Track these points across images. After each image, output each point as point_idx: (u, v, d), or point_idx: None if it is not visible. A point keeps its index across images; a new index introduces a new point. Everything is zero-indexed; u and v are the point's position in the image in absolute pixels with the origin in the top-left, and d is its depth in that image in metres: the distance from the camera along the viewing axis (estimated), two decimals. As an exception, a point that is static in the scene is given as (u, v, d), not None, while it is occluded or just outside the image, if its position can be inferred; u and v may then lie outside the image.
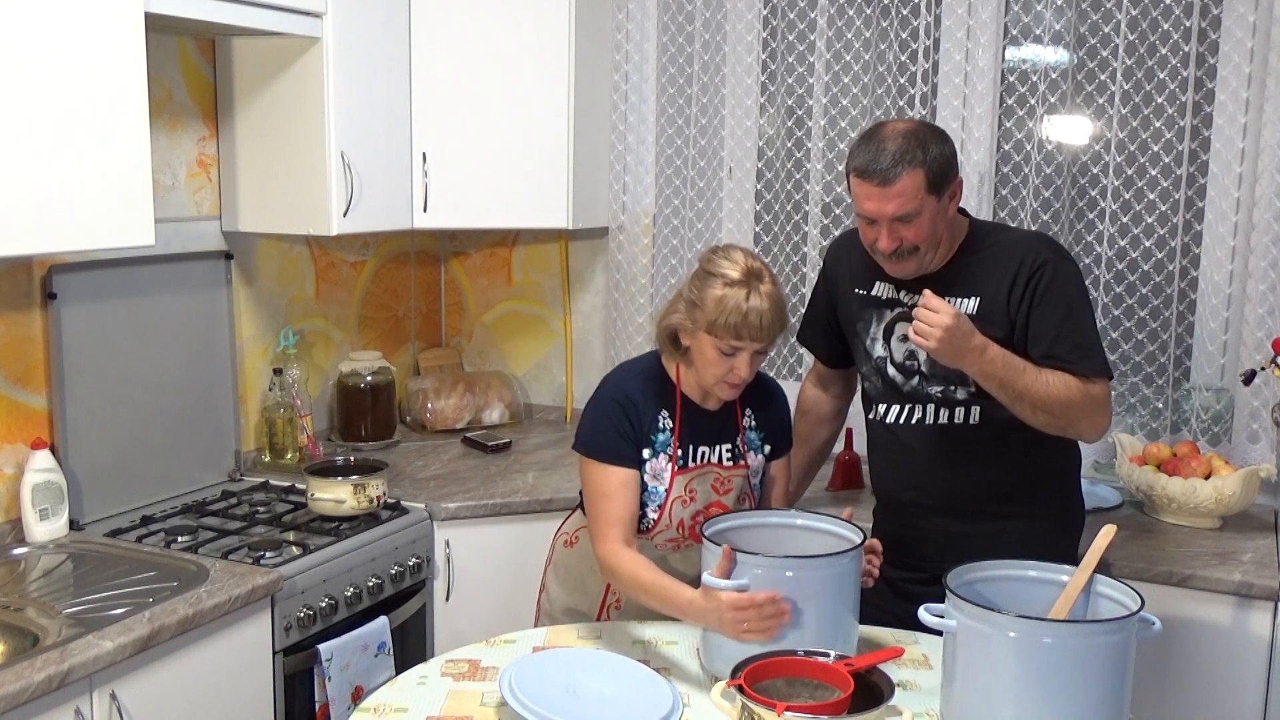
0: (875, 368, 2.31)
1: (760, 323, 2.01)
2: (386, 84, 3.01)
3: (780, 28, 3.25)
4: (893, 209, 2.08)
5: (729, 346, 2.03)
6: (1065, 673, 1.58)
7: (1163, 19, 2.84)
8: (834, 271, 2.43)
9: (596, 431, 2.13)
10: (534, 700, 1.70)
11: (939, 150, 2.11)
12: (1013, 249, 2.20)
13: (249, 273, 3.09)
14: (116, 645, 1.99)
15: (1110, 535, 1.77)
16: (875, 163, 2.07)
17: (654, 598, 1.99)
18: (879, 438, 2.35)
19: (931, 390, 2.24)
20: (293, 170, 2.85)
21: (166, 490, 2.80)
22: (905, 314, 2.24)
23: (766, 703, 1.60)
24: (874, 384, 2.33)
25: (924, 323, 2.02)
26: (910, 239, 2.12)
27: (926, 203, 2.09)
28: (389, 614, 2.62)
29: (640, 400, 2.14)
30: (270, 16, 2.60)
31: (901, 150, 2.06)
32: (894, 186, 2.06)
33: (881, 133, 2.12)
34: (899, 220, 2.09)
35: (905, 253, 2.14)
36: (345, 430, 3.37)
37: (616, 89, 3.38)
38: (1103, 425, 2.19)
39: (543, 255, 3.70)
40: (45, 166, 2.11)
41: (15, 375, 2.51)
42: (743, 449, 2.22)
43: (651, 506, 2.15)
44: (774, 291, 2.04)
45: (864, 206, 2.12)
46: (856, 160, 2.11)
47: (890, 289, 2.28)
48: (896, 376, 2.27)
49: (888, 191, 2.07)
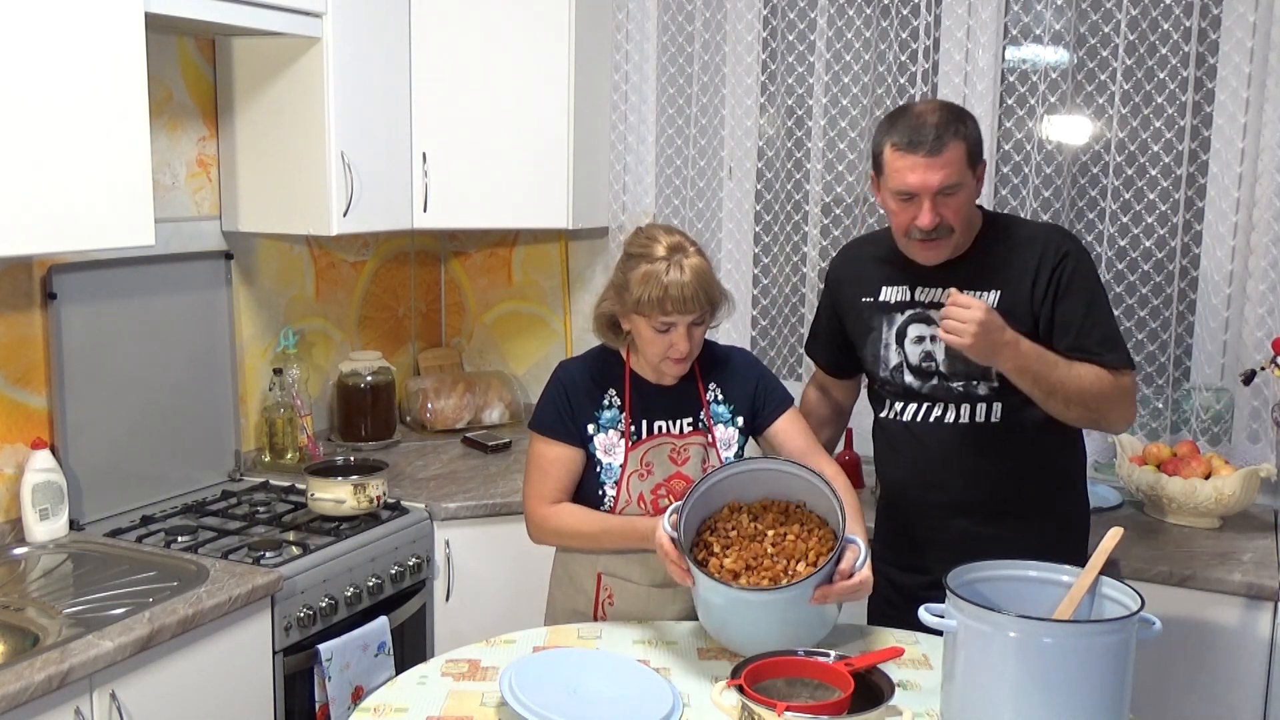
0: (891, 374, 2.25)
1: (682, 295, 2.02)
2: (386, 84, 3.01)
3: (780, 28, 3.25)
4: (939, 180, 2.03)
5: (660, 323, 2.06)
6: (1065, 673, 1.58)
7: (1163, 19, 2.84)
8: (838, 284, 2.38)
9: (542, 408, 2.23)
10: (534, 700, 1.70)
11: (974, 125, 2.10)
12: (1032, 241, 2.17)
13: (249, 273, 3.09)
14: (116, 645, 1.99)
15: (1117, 537, 1.77)
16: (920, 133, 2.03)
17: (606, 539, 2.14)
18: (894, 437, 2.30)
19: (953, 386, 2.19)
20: (293, 170, 2.85)
21: (166, 490, 2.80)
22: (919, 315, 2.21)
23: (766, 703, 1.60)
24: (890, 388, 2.27)
25: (956, 319, 1.97)
26: (949, 217, 2.07)
27: (966, 177, 2.07)
28: (389, 614, 2.62)
29: (583, 380, 2.21)
30: (270, 16, 2.61)
31: (944, 121, 2.04)
32: (941, 156, 2.02)
33: (915, 109, 2.09)
34: (943, 193, 2.05)
35: (942, 232, 2.09)
36: (345, 430, 3.37)
37: (616, 89, 3.38)
38: (1131, 416, 2.19)
39: (543, 255, 3.70)
40: (46, 167, 2.11)
41: (15, 375, 2.51)
42: (708, 422, 2.22)
43: (609, 483, 2.17)
44: (697, 263, 2.05)
45: (907, 180, 2.05)
46: (896, 134, 2.06)
47: (901, 291, 2.24)
48: (913, 381, 2.23)
49: (935, 161, 2.02)
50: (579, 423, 2.18)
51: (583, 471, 2.20)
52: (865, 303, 2.29)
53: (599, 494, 2.18)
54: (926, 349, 2.20)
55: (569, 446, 2.18)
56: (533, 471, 2.22)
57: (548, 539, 2.24)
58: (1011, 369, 2.05)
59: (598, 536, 2.15)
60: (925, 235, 2.09)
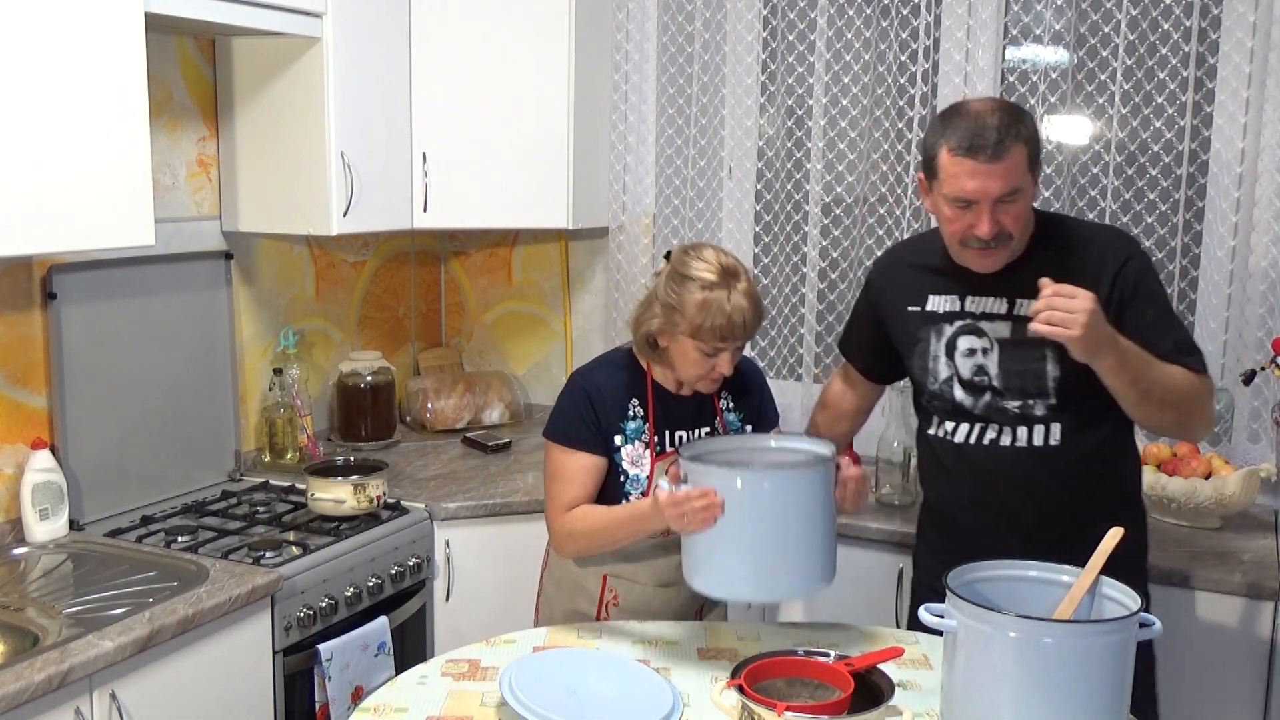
0: (941, 386, 2.13)
1: (744, 321, 2.02)
2: (386, 84, 3.01)
3: (780, 28, 3.25)
4: (999, 187, 1.91)
5: (712, 348, 2.04)
6: (1065, 673, 1.58)
7: (1163, 19, 2.84)
8: (881, 290, 2.27)
9: (562, 417, 2.18)
10: (534, 700, 1.70)
11: (1032, 124, 1.98)
12: (1091, 245, 2.06)
13: (249, 273, 3.09)
14: (116, 645, 1.99)
15: (1117, 537, 1.76)
16: (981, 137, 1.90)
17: (618, 529, 2.07)
18: (944, 456, 2.17)
19: (1008, 406, 2.07)
20: (293, 170, 2.85)
21: (166, 490, 2.80)
22: (970, 327, 2.10)
23: (766, 703, 1.60)
24: (940, 403, 2.15)
25: (1062, 310, 1.83)
26: (1008, 224, 1.96)
27: (1026, 182, 1.95)
28: (389, 614, 2.62)
29: (608, 389, 2.17)
30: (270, 16, 2.61)
31: (1005, 123, 1.91)
32: (1003, 162, 1.90)
33: (972, 108, 1.96)
34: (1003, 200, 1.93)
35: (1000, 240, 1.97)
36: (345, 430, 3.37)
37: (616, 89, 3.38)
38: (1212, 421, 2.12)
39: (543, 255, 3.70)
40: (46, 166, 2.11)
41: (15, 375, 2.51)
42: (722, 431, 2.23)
43: (635, 493, 2.16)
44: (750, 288, 2.04)
45: (965, 187, 1.92)
46: (955, 137, 1.92)
47: (949, 301, 2.12)
48: (965, 397, 2.11)
49: (995, 168, 1.90)
50: (605, 432, 2.15)
51: (606, 481, 2.17)
52: (911, 312, 2.17)
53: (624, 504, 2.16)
54: (979, 362, 2.09)
55: (593, 455, 2.15)
56: (554, 484, 2.17)
57: (570, 546, 2.18)
58: (1112, 365, 1.91)
59: (609, 530, 2.10)
60: (983, 244, 1.98)
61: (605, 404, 2.16)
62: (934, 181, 2.00)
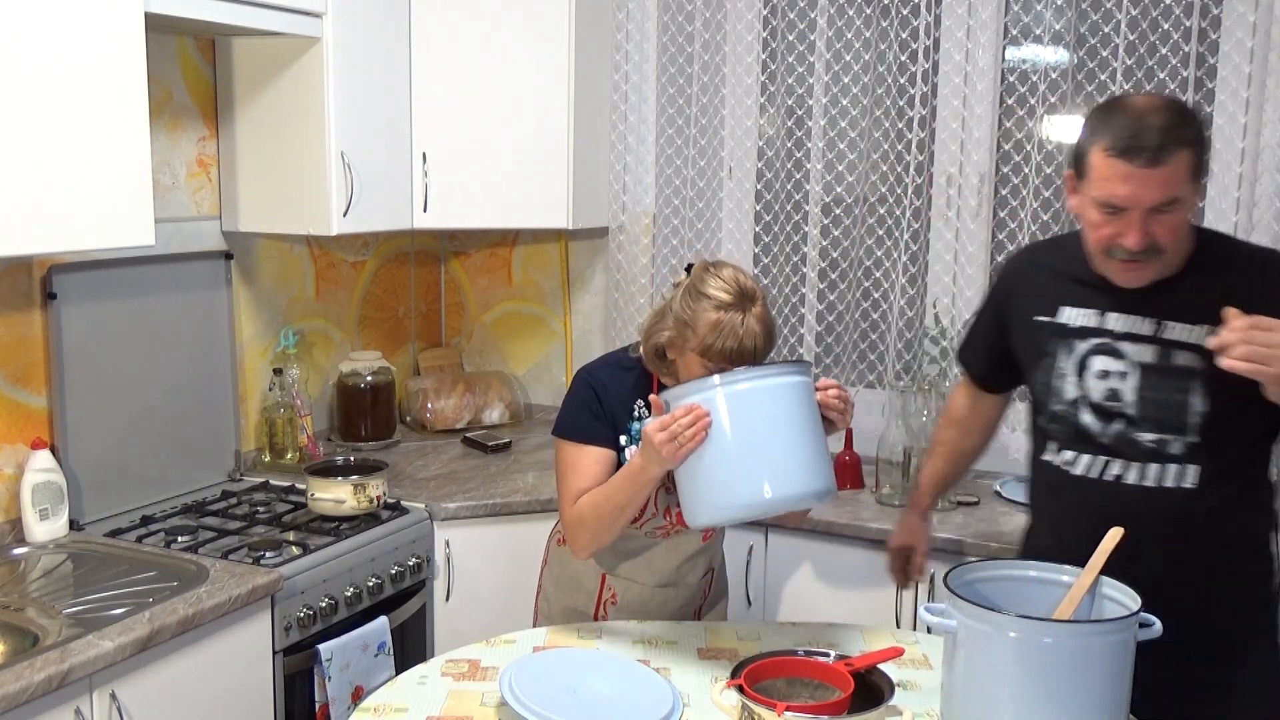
0: (1066, 407, 1.94)
1: (755, 346, 1.99)
2: (386, 84, 3.01)
3: (780, 28, 3.25)
4: (1155, 195, 1.72)
5: (719, 369, 2.02)
6: (1065, 673, 1.58)
7: (1163, 19, 2.84)
8: (1008, 295, 2.09)
9: (570, 413, 2.17)
10: (534, 700, 1.70)
11: (1199, 129, 1.77)
12: (1255, 268, 1.86)
13: (249, 273, 3.09)
14: (116, 645, 1.99)
15: (1117, 537, 1.76)
16: (1140, 139, 1.70)
17: (619, 493, 2.02)
18: (1060, 487, 1.98)
19: (1141, 438, 1.87)
20: (293, 170, 2.85)
21: (166, 490, 2.80)
22: (1107, 347, 1.89)
23: (766, 702, 1.60)
24: (1060, 427, 1.96)
25: (1262, 345, 1.62)
26: (1160, 237, 1.76)
27: (1186, 191, 1.76)
28: (389, 614, 2.62)
29: (615, 388, 2.16)
30: (270, 16, 2.61)
31: (1169, 124, 1.72)
32: (1163, 168, 1.71)
33: (1134, 105, 1.76)
34: (1158, 210, 1.73)
35: (1151, 253, 1.78)
36: (345, 430, 3.37)
37: (616, 89, 3.38)
38: None
39: (543, 255, 3.70)
40: (46, 166, 2.11)
41: (15, 375, 2.51)
42: None
43: None
44: (764, 314, 2.01)
45: (1117, 192, 1.74)
46: (1111, 136, 1.74)
47: (1086, 315, 1.93)
48: (1092, 423, 1.91)
49: (1153, 174, 1.71)
50: (613, 428, 2.14)
51: None
52: (1039, 322, 1.99)
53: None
54: (1113, 386, 1.88)
55: (603, 449, 2.13)
56: (565, 479, 2.14)
57: (582, 535, 2.11)
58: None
59: (610, 498, 2.05)
60: (1130, 256, 1.79)
61: (611, 401, 2.15)
62: (1082, 181, 1.81)
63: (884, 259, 3.20)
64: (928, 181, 3.11)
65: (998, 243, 3.09)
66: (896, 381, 3.10)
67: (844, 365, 3.29)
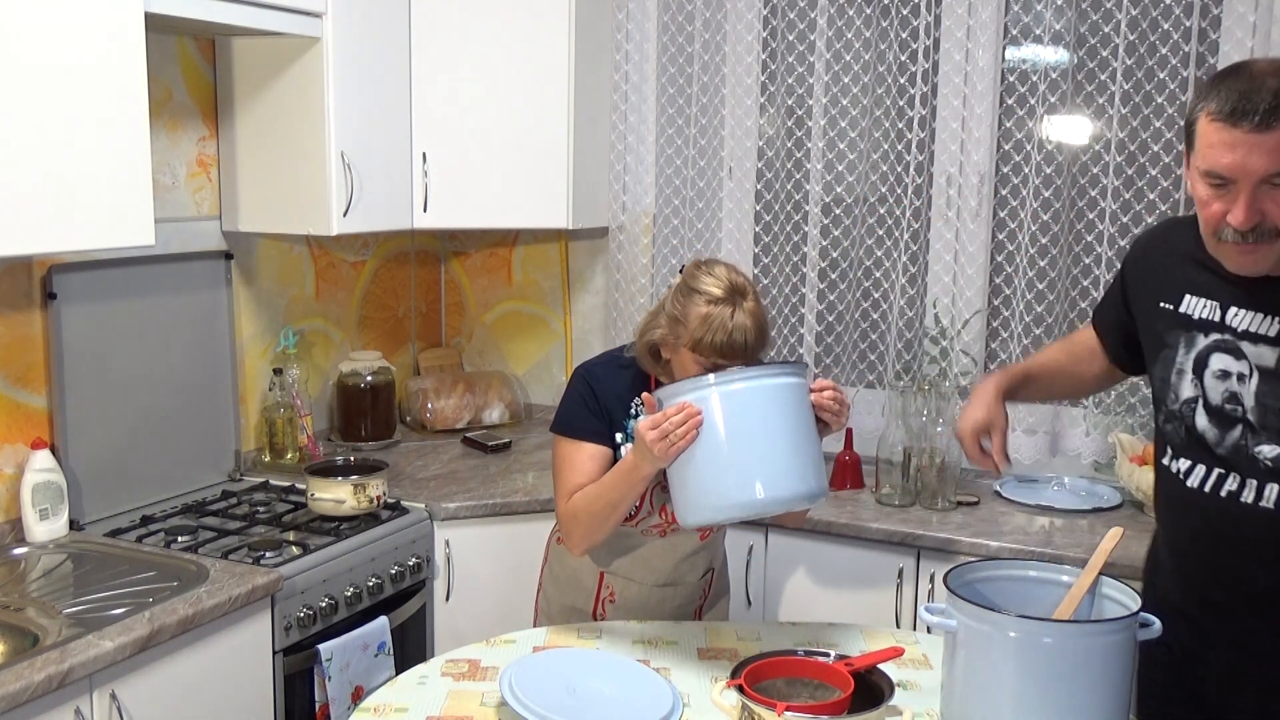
0: (1181, 407, 1.77)
1: (745, 341, 1.99)
2: (386, 84, 3.01)
3: (780, 28, 3.25)
4: (1265, 165, 1.54)
5: (711, 364, 2.02)
6: (1065, 673, 1.58)
7: (1163, 19, 2.84)
8: (1134, 275, 1.93)
9: (567, 409, 2.18)
10: (534, 700, 1.70)
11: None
12: None
13: (249, 273, 3.09)
14: (116, 645, 1.99)
15: (1117, 538, 1.76)
16: (1250, 101, 1.54)
17: (611, 490, 2.03)
18: (1175, 499, 1.83)
19: (1261, 453, 1.68)
20: (293, 170, 2.85)
21: (166, 490, 2.80)
22: (1227, 344, 1.71)
23: (766, 702, 1.60)
24: (1176, 430, 1.79)
25: None
26: (1275, 214, 1.58)
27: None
28: (389, 614, 2.62)
29: (611, 385, 2.16)
30: (270, 16, 2.61)
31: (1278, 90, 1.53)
32: (1274, 132, 1.53)
33: (1252, 67, 1.59)
34: (1270, 183, 1.56)
35: (1264, 234, 1.59)
36: (345, 430, 3.37)
37: (616, 89, 3.38)
38: None
39: (543, 255, 3.70)
40: (45, 166, 2.11)
41: (15, 375, 2.51)
42: None
43: None
44: (756, 309, 2.01)
45: (1220, 161, 1.57)
46: (1218, 100, 1.57)
47: (1208, 307, 1.75)
48: (1208, 428, 1.73)
49: (1263, 140, 1.53)
50: (609, 424, 2.15)
51: None
52: (1163, 309, 1.82)
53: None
54: (1232, 388, 1.70)
55: (599, 445, 2.14)
56: (560, 475, 2.16)
57: (576, 531, 2.12)
58: None
59: (603, 494, 2.05)
60: (1239, 237, 1.60)
61: (608, 397, 2.15)
62: (1191, 153, 1.64)
63: (884, 259, 3.20)
64: (928, 181, 3.11)
65: (998, 243, 3.09)
66: (896, 381, 3.10)
67: (844, 365, 3.29)
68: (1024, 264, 3.02)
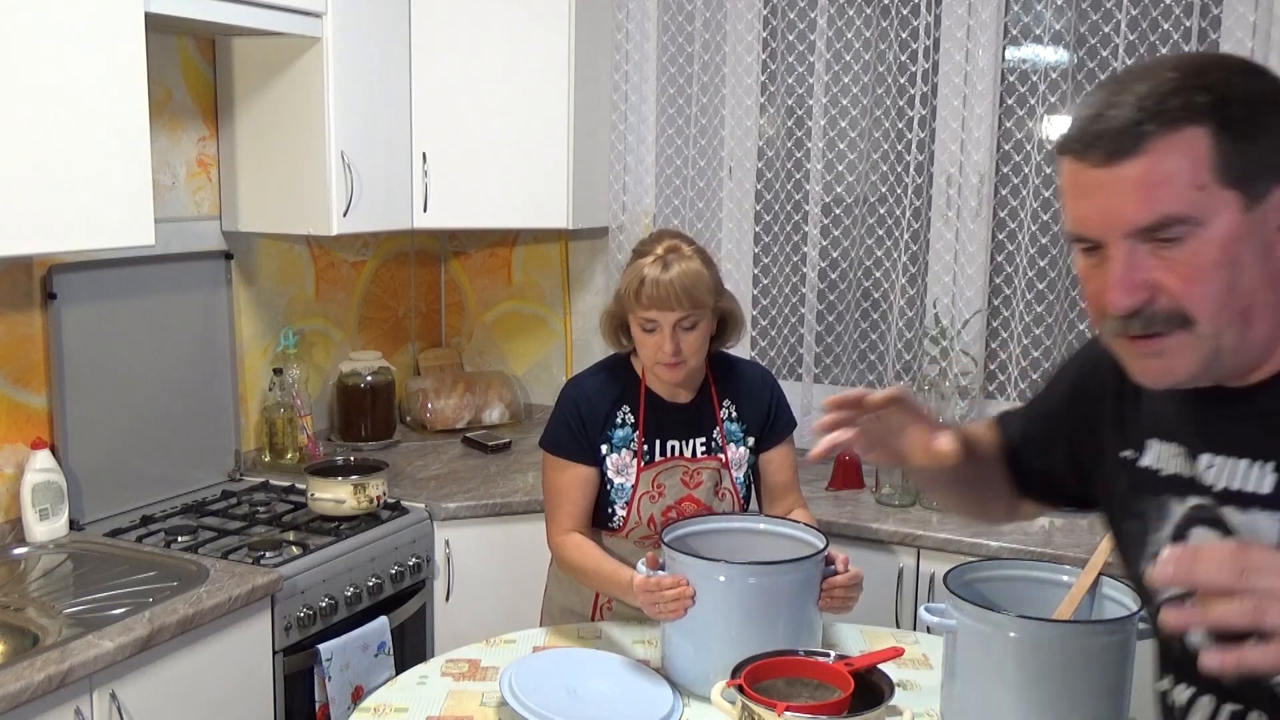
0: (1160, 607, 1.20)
1: (657, 291, 2.01)
2: (386, 84, 3.01)
3: (780, 28, 3.25)
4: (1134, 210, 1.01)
5: (644, 320, 2.05)
6: (1065, 673, 1.58)
7: (1163, 19, 2.84)
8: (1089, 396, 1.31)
9: (553, 428, 2.20)
10: (534, 700, 1.70)
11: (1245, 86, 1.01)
12: None
13: (249, 273, 3.09)
14: (116, 645, 1.99)
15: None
16: (1103, 120, 1.02)
17: (594, 581, 2.09)
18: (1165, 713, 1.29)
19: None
20: (293, 170, 2.85)
21: (166, 490, 2.80)
22: (1207, 512, 1.13)
23: (766, 703, 1.60)
24: (1167, 641, 1.24)
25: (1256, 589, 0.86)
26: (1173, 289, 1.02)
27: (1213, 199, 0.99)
28: (389, 614, 2.62)
29: (596, 397, 2.17)
30: (270, 16, 2.60)
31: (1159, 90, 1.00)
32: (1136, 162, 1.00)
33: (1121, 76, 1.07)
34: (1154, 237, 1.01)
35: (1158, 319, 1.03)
36: (345, 430, 3.37)
37: (616, 89, 3.38)
38: None
39: (543, 255, 3.70)
40: (45, 166, 2.11)
41: (15, 375, 2.50)
42: (721, 441, 2.21)
43: (619, 503, 2.16)
44: (688, 266, 2.03)
45: (1076, 211, 1.06)
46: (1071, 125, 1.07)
47: (1174, 456, 1.17)
48: (1202, 641, 1.16)
49: (1126, 173, 1.01)
50: (593, 442, 2.15)
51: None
52: (1124, 461, 1.24)
53: (609, 513, 2.18)
54: None
55: (583, 467, 2.15)
56: (550, 500, 2.20)
57: (565, 570, 2.21)
58: None
59: (594, 582, 2.12)
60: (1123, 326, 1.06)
61: (593, 412, 2.16)
62: None
63: (884, 259, 3.20)
64: (928, 181, 3.11)
65: (998, 243, 3.09)
66: (896, 381, 3.10)
67: (844, 365, 3.29)
68: (1024, 264, 3.02)
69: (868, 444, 1.31)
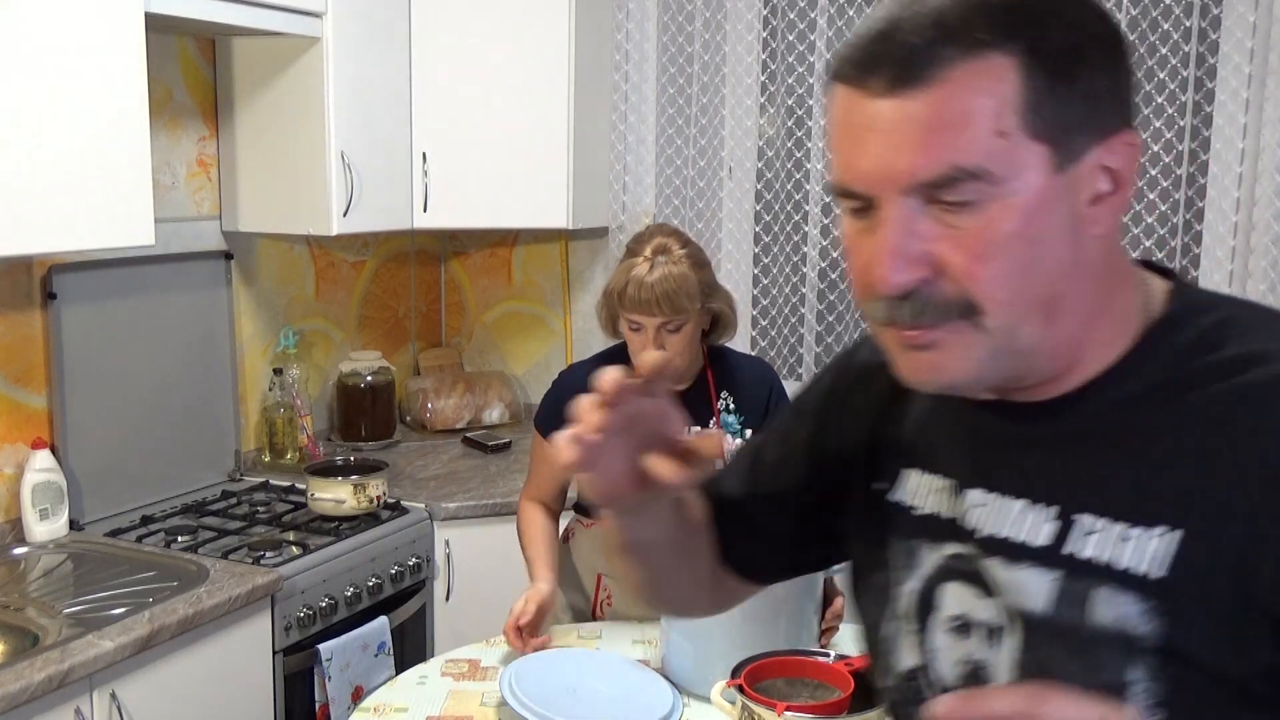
0: (900, 689, 0.96)
1: (639, 295, 2.01)
2: (386, 84, 3.01)
3: (780, 28, 3.25)
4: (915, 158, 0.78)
5: (631, 321, 2.06)
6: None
7: (1163, 19, 2.84)
8: (846, 409, 1.05)
9: (544, 407, 2.28)
10: (534, 700, 1.70)
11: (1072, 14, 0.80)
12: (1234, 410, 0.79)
13: (249, 273, 3.09)
14: (116, 645, 1.99)
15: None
16: (884, 40, 0.79)
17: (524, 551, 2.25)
18: None
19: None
20: (293, 170, 2.85)
21: (166, 490, 2.80)
22: (962, 565, 0.91)
23: (766, 702, 1.60)
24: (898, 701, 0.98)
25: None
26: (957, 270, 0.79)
27: (1017, 152, 0.77)
28: (389, 614, 2.62)
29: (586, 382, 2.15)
30: (270, 16, 2.60)
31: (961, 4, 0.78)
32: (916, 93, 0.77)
33: None
34: (926, 194, 0.79)
35: (935, 306, 0.80)
36: (345, 430, 3.37)
37: (616, 89, 3.38)
38: None
39: (543, 255, 3.70)
40: (45, 166, 2.11)
41: (15, 375, 2.50)
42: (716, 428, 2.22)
43: None
44: (674, 270, 2.02)
45: (843, 156, 0.83)
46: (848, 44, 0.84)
47: (941, 492, 0.93)
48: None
49: (914, 107, 0.78)
50: None
51: None
52: (875, 493, 0.99)
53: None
54: (974, 656, 0.90)
55: None
56: (534, 466, 2.32)
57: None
58: None
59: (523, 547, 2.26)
60: (890, 313, 0.82)
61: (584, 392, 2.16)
62: None
63: (884, 259, 3.19)
64: (928, 181, 3.10)
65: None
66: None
67: (844, 365, 3.29)
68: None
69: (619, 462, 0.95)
